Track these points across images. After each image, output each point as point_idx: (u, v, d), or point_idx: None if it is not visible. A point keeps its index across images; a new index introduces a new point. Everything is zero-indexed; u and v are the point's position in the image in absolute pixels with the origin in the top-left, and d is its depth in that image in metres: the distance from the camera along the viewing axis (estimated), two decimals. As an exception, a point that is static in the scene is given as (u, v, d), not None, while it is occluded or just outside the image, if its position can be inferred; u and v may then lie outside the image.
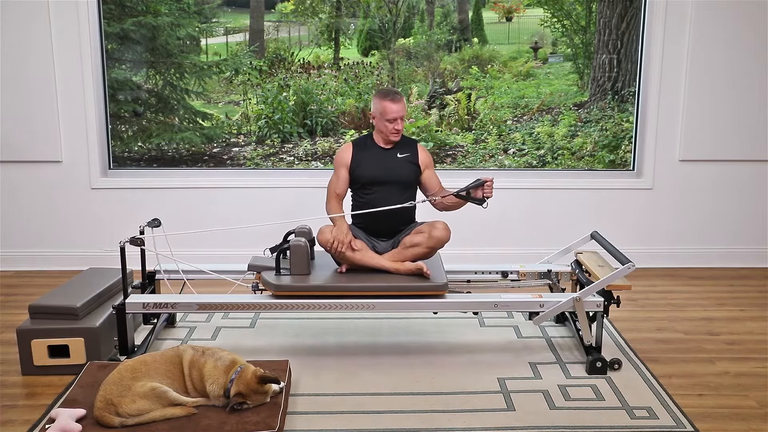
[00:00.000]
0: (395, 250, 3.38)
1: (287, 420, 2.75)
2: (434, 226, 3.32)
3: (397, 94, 3.39)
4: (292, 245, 3.29)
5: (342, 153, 3.49)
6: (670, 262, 4.90)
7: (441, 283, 3.24)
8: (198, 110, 4.88)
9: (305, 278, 3.28)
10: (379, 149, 3.47)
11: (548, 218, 4.82)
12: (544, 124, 4.90)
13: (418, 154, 3.50)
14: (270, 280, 3.25)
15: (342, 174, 3.45)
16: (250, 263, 3.39)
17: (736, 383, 3.16)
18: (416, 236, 3.33)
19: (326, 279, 3.30)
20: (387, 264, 3.32)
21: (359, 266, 3.32)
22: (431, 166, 3.55)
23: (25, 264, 4.74)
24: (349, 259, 3.30)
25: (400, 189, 3.44)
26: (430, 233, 3.31)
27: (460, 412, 2.86)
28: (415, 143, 3.56)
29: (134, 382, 2.62)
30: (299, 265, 3.29)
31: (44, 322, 3.19)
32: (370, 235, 3.46)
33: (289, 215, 4.62)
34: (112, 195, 4.73)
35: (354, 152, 3.46)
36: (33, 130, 4.58)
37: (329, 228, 3.31)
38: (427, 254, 3.34)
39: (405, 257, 3.33)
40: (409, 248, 3.33)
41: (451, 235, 3.32)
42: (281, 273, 3.30)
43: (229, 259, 4.15)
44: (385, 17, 4.86)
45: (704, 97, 4.68)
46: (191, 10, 4.73)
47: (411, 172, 3.47)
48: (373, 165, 3.42)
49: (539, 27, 4.92)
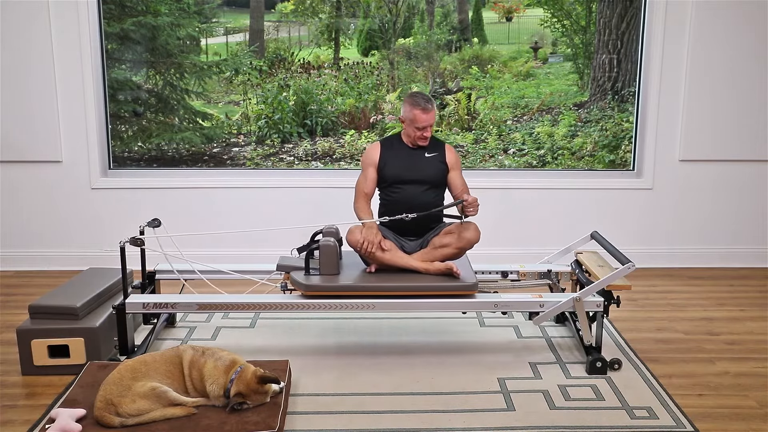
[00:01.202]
0: (424, 250, 3.38)
1: (287, 420, 2.75)
2: (464, 227, 3.33)
3: (429, 103, 3.39)
4: (322, 245, 3.29)
5: (370, 152, 3.50)
6: (670, 262, 4.90)
7: (471, 282, 3.24)
8: (198, 110, 4.88)
9: (335, 278, 3.28)
10: (407, 148, 3.49)
11: (548, 218, 4.82)
12: (544, 124, 4.90)
13: (445, 153, 3.51)
14: (299, 280, 3.25)
15: (370, 173, 3.46)
16: (278, 263, 3.39)
17: (736, 383, 3.16)
18: (446, 237, 3.34)
19: (356, 279, 3.30)
20: (416, 264, 3.32)
21: (388, 266, 3.32)
22: (458, 168, 3.54)
23: (25, 264, 4.74)
24: (378, 259, 3.30)
25: (428, 188, 3.44)
26: (460, 234, 3.31)
27: (460, 412, 2.86)
28: (443, 143, 3.57)
29: (134, 382, 2.62)
30: (329, 265, 3.29)
31: (44, 322, 3.19)
32: (399, 234, 3.46)
33: (289, 215, 4.63)
34: (112, 195, 4.73)
35: (382, 151, 3.48)
36: (33, 130, 4.58)
37: (359, 228, 3.31)
38: (457, 255, 3.35)
39: (434, 257, 3.33)
40: (438, 248, 3.34)
41: (480, 236, 3.33)
42: (310, 273, 3.29)
43: (230, 259, 4.16)
44: (385, 17, 4.86)
45: (704, 97, 4.68)
46: (191, 10, 4.73)
47: (439, 171, 3.47)
48: (400, 164, 3.43)
49: (539, 27, 4.92)
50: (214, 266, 3.55)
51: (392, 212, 3.40)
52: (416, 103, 3.38)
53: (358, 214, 3.43)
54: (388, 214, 3.42)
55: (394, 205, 3.42)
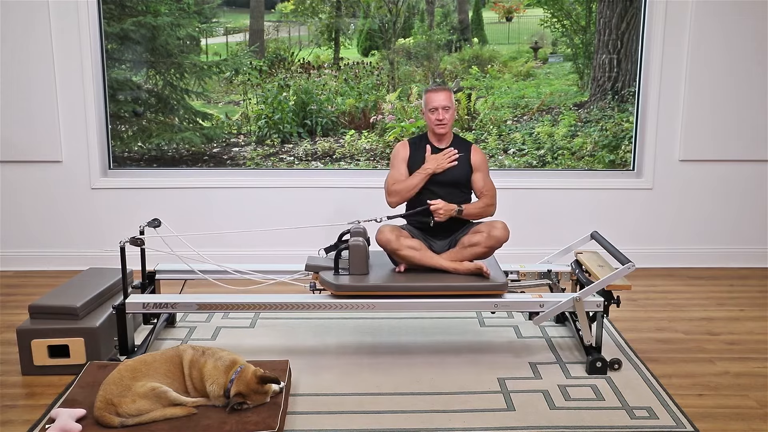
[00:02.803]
0: (453, 250, 3.38)
1: (287, 420, 2.75)
2: (493, 226, 3.32)
3: (439, 85, 3.48)
4: (352, 245, 3.28)
5: (399, 149, 3.52)
6: (670, 262, 4.90)
7: (501, 282, 3.24)
8: (198, 110, 4.88)
9: (364, 278, 3.27)
10: (434, 148, 3.48)
11: (548, 218, 4.82)
12: (544, 124, 4.90)
13: (471, 154, 3.50)
14: (329, 280, 3.25)
15: (403, 168, 3.46)
16: (307, 263, 3.38)
17: (736, 383, 3.16)
18: (475, 236, 3.34)
19: (385, 279, 3.29)
20: (446, 263, 3.31)
21: (417, 266, 3.32)
22: (482, 170, 3.51)
23: (25, 264, 4.74)
24: (408, 259, 3.30)
25: (453, 188, 3.44)
26: (489, 233, 3.31)
27: (460, 412, 2.86)
28: (470, 144, 3.56)
29: (134, 382, 2.62)
30: (358, 265, 3.28)
31: (44, 322, 3.19)
32: (427, 234, 3.46)
33: (289, 215, 4.63)
34: (112, 195, 4.73)
35: (410, 149, 3.50)
36: (33, 130, 4.58)
37: (388, 228, 3.31)
38: (486, 254, 3.35)
39: (463, 257, 3.33)
40: (467, 248, 3.33)
41: (509, 234, 3.33)
42: (340, 273, 3.29)
43: (230, 259, 4.16)
44: (385, 17, 4.86)
45: (704, 98, 4.68)
46: (191, 10, 4.72)
47: (464, 171, 3.47)
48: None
49: (539, 27, 4.92)
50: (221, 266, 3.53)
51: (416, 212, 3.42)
52: (429, 88, 3.46)
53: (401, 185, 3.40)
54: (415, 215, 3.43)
55: (419, 205, 3.42)
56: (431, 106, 3.41)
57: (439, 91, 3.42)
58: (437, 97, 3.40)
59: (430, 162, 3.39)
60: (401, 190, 3.42)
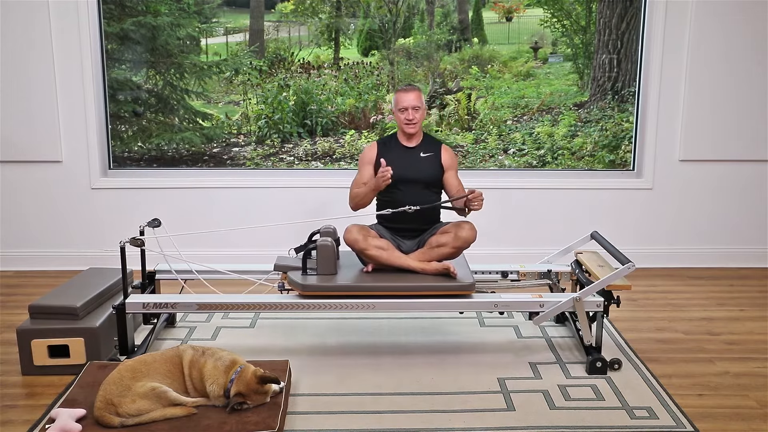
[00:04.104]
0: (421, 250, 3.38)
1: (287, 420, 2.75)
2: (461, 227, 3.32)
3: (409, 85, 3.47)
4: (320, 245, 3.29)
5: (367, 151, 3.52)
6: (670, 262, 4.90)
7: (468, 282, 3.23)
8: (198, 110, 4.88)
9: (332, 278, 3.27)
10: (403, 148, 3.49)
11: (548, 218, 4.82)
12: (544, 124, 4.90)
13: (441, 153, 3.51)
14: (297, 280, 3.25)
15: (367, 171, 3.48)
16: (275, 263, 3.39)
17: (736, 383, 3.16)
18: (442, 236, 3.34)
19: (353, 279, 3.29)
20: (413, 264, 3.31)
21: (385, 266, 3.32)
22: (454, 168, 3.54)
23: (25, 264, 4.74)
24: (375, 259, 3.30)
25: (423, 188, 3.44)
26: (456, 233, 3.31)
27: (460, 412, 2.86)
28: (440, 143, 3.57)
29: (134, 382, 2.62)
30: (326, 265, 3.29)
31: (44, 322, 3.18)
32: (395, 234, 3.46)
33: (289, 215, 4.63)
34: (112, 195, 4.73)
35: (379, 150, 3.50)
36: (33, 130, 4.58)
37: (356, 227, 3.31)
38: (453, 254, 3.35)
39: (431, 257, 3.33)
40: (435, 248, 3.33)
41: (477, 235, 3.32)
42: (308, 273, 3.29)
43: (229, 259, 4.16)
44: (385, 17, 4.86)
45: (704, 98, 4.68)
46: (191, 10, 4.72)
47: (434, 171, 3.47)
48: (396, 163, 3.42)
49: (539, 27, 4.92)
50: (212, 266, 3.54)
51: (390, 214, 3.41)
52: (398, 88, 3.48)
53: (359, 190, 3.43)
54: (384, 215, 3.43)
55: (389, 205, 3.42)
56: (401, 106, 3.42)
57: (409, 91, 3.42)
58: (407, 97, 3.40)
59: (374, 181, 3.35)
60: (353, 197, 3.47)
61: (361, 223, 3.42)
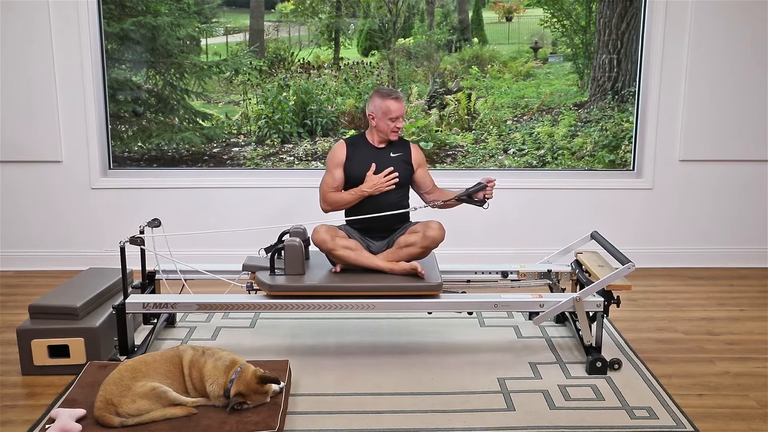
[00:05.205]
0: (390, 250, 3.37)
1: (287, 420, 2.75)
2: (428, 226, 3.31)
3: (398, 93, 3.43)
4: (287, 245, 3.29)
5: (336, 152, 3.47)
6: (670, 262, 4.90)
7: (435, 283, 3.23)
8: (198, 110, 4.88)
9: (300, 278, 3.27)
10: (373, 148, 3.47)
11: (548, 218, 4.82)
12: (544, 124, 4.90)
13: (411, 153, 3.51)
14: (264, 280, 3.25)
15: (337, 173, 3.44)
16: (244, 263, 3.40)
17: (736, 383, 3.16)
18: (411, 236, 3.33)
19: (321, 279, 3.29)
20: (381, 264, 3.31)
21: (354, 266, 3.32)
22: (424, 165, 3.56)
23: (25, 264, 4.74)
24: (343, 259, 3.30)
25: (396, 187, 3.43)
26: (424, 233, 3.30)
27: (460, 412, 2.86)
28: (408, 143, 3.57)
29: (134, 382, 2.62)
30: (294, 265, 3.29)
31: (44, 322, 3.18)
32: (365, 234, 3.46)
33: (288, 215, 4.63)
34: (112, 195, 4.73)
35: (348, 151, 3.46)
36: (33, 130, 4.58)
37: (324, 228, 3.30)
38: (422, 254, 3.34)
39: (399, 257, 3.33)
40: (403, 248, 3.33)
41: (445, 234, 3.32)
42: (276, 273, 3.29)
43: (229, 259, 4.15)
44: (385, 17, 4.86)
45: (704, 97, 4.68)
46: (191, 10, 4.72)
47: (404, 171, 3.47)
48: (366, 164, 3.41)
49: (539, 27, 4.92)
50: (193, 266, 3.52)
51: (357, 213, 3.41)
52: (387, 94, 3.39)
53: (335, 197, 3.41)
54: (353, 215, 3.42)
55: (359, 206, 3.41)
56: (393, 115, 3.37)
57: (399, 100, 3.39)
58: (398, 107, 3.38)
59: (368, 183, 3.36)
60: (335, 203, 3.43)
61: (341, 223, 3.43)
